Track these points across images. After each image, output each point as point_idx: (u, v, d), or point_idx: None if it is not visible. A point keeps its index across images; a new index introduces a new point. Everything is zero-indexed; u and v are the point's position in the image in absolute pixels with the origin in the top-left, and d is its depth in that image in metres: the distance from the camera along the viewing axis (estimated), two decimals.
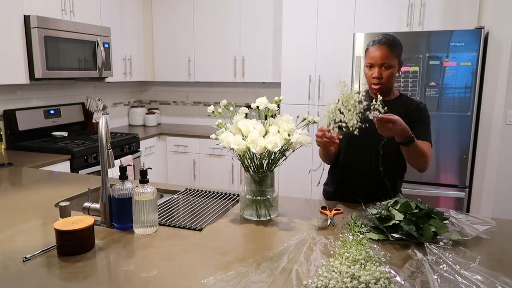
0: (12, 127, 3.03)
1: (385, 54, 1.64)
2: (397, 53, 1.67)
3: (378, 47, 1.65)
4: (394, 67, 1.67)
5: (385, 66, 1.65)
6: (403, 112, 1.64)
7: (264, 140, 1.40)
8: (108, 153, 1.38)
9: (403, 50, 1.74)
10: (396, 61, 1.67)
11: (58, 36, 2.96)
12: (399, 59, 1.70)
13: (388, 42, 1.66)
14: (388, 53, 1.64)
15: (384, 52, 1.64)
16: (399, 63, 1.70)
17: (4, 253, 1.21)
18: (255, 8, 3.81)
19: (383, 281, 0.96)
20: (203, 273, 1.09)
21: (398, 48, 1.68)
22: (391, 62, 1.65)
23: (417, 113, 1.70)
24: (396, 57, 1.66)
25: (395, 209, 1.36)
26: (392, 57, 1.65)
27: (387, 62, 1.64)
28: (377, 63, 1.65)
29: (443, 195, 2.97)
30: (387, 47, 1.64)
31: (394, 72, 1.68)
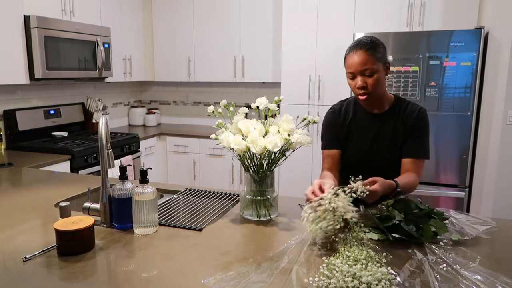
0: (12, 127, 3.03)
1: (365, 59, 1.46)
2: (379, 55, 1.49)
3: (355, 53, 1.48)
4: (379, 72, 1.49)
5: (367, 73, 1.48)
6: (401, 126, 1.57)
7: (264, 140, 1.40)
8: (108, 153, 1.38)
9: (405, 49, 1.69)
10: (380, 64, 1.50)
11: (58, 36, 2.96)
12: (384, 60, 1.53)
13: (366, 45, 1.48)
14: (368, 58, 1.46)
15: (363, 57, 1.47)
16: (385, 65, 1.53)
17: (4, 253, 1.21)
18: (255, 8, 3.81)
19: (384, 282, 0.96)
20: (203, 273, 1.09)
21: (380, 49, 1.51)
22: (373, 67, 1.47)
23: (417, 125, 1.59)
24: (378, 60, 1.49)
25: (395, 209, 1.36)
26: (373, 61, 1.47)
27: (369, 68, 1.47)
28: (358, 71, 1.49)
29: (443, 195, 2.97)
30: (365, 51, 1.47)
31: (380, 77, 1.51)
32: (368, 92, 1.51)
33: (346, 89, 3.29)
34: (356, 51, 1.49)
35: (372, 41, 1.52)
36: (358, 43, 1.51)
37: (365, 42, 1.50)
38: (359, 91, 1.52)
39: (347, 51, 1.55)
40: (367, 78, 1.50)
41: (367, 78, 1.50)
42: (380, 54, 1.51)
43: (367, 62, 1.47)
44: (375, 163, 1.66)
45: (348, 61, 1.52)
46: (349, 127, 1.69)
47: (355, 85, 1.52)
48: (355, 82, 1.51)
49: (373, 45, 1.50)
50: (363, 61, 1.47)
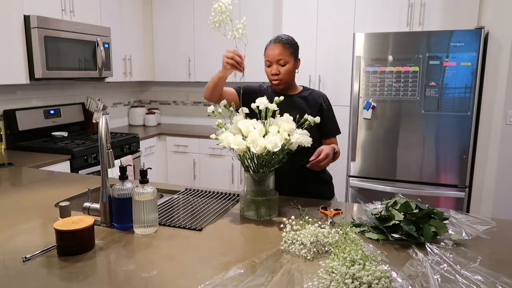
0: (12, 127, 3.02)
1: (280, 51, 1.74)
2: (292, 50, 1.78)
3: (274, 46, 1.76)
4: (290, 64, 1.77)
5: (281, 63, 1.76)
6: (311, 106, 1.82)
7: (264, 140, 1.39)
8: (108, 153, 1.38)
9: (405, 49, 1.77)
10: (292, 58, 1.78)
11: (58, 36, 2.96)
12: (296, 56, 1.81)
13: (283, 40, 1.76)
14: (283, 50, 1.75)
15: (280, 49, 1.74)
16: (296, 60, 1.81)
17: (4, 253, 1.21)
18: (255, 8, 3.81)
19: (384, 280, 0.96)
20: (203, 273, 1.09)
21: (294, 46, 1.79)
22: (286, 58, 1.75)
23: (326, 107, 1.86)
24: (291, 54, 1.77)
25: (395, 209, 1.36)
26: (287, 54, 1.75)
27: (283, 59, 1.75)
28: (274, 60, 1.76)
29: (443, 195, 2.97)
30: (282, 45, 1.75)
31: (291, 68, 1.78)
32: (280, 78, 1.78)
33: (346, 89, 3.31)
34: (275, 44, 1.77)
35: (289, 38, 1.80)
36: (277, 38, 1.78)
37: (283, 38, 1.78)
38: (273, 77, 1.79)
39: (268, 43, 1.81)
40: (280, 67, 1.77)
41: (281, 67, 1.77)
42: (294, 50, 1.80)
43: (282, 53, 1.75)
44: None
45: (267, 51, 1.79)
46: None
47: (270, 71, 1.79)
48: (271, 69, 1.79)
49: (289, 42, 1.78)
50: (279, 53, 1.75)
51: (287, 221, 1.30)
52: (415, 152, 3.00)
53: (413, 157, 3.01)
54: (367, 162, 3.14)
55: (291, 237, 1.24)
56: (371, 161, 3.13)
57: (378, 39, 2.97)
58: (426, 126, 2.94)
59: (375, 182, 3.13)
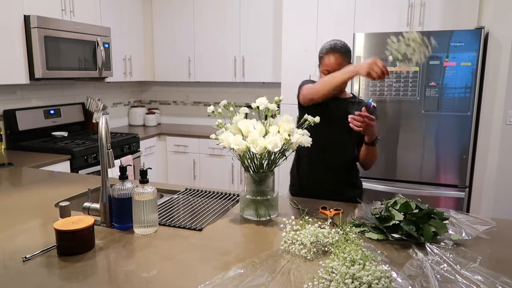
0: (12, 127, 3.03)
1: (339, 61, 1.73)
2: (349, 59, 1.79)
3: (333, 55, 1.74)
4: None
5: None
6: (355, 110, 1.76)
7: (264, 140, 1.39)
8: (108, 153, 1.38)
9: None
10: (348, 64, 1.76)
11: (58, 36, 2.96)
12: (350, 61, 1.80)
13: (342, 49, 1.75)
14: (342, 60, 1.74)
15: (339, 59, 1.73)
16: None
17: (4, 253, 1.21)
18: (255, 8, 3.81)
19: (384, 280, 0.96)
20: (203, 273, 1.09)
21: (349, 53, 1.79)
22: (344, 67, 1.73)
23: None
24: (348, 62, 1.77)
25: (395, 209, 1.36)
26: (345, 64, 1.74)
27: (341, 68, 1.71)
28: (333, 70, 1.72)
29: (443, 195, 2.97)
30: (341, 54, 1.74)
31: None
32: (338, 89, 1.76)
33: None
34: (334, 53, 1.75)
35: (346, 46, 1.79)
36: (335, 46, 1.76)
37: (341, 46, 1.76)
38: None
39: (323, 50, 1.78)
40: None
41: None
42: (350, 58, 1.81)
43: (341, 63, 1.74)
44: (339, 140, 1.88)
45: (325, 60, 1.77)
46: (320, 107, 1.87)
47: None
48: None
49: (347, 50, 1.79)
50: (338, 62, 1.74)
51: (287, 221, 1.30)
52: (415, 152, 3.00)
53: (413, 157, 3.01)
54: None
55: (291, 237, 1.25)
56: None
57: (378, 39, 2.96)
58: (426, 126, 2.94)
59: (375, 182, 3.12)
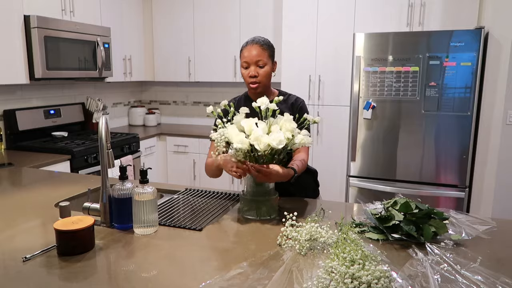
0: (12, 127, 3.03)
1: (259, 53, 1.70)
2: (270, 52, 1.74)
3: (251, 47, 1.71)
4: (268, 66, 1.73)
5: (260, 64, 1.71)
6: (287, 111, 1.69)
7: (268, 137, 1.39)
8: (108, 153, 1.38)
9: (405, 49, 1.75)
10: (270, 60, 1.74)
11: (58, 36, 2.96)
12: (273, 59, 1.76)
13: (260, 41, 1.72)
14: (261, 52, 1.70)
15: (258, 51, 1.70)
16: (273, 63, 1.77)
17: (4, 253, 1.21)
18: (255, 8, 3.81)
19: (384, 280, 0.96)
20: (203, 273, 1.09)
21: (271, 49, 1.75)
22: (264, 60, 1.71)
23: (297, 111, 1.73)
24: (269, 57, 1.73)
25: (395, 209, 1.36)
26: (265, 56, 1.71)
27: (262, 60, 1.70)
28: (252, 61, 1.70)
29: (443, 195, 2.97)
30: (260, 46, 1.71)
31: (269, 70, 1.74)
32: (259, 81, 1.73)
33: (346, 89, 3.31)
34: (252, 45, 1.72)
35: (266, 40, 1.76)
36: (254, 39, 1.74)
37: (260, 40, 1.74)
38: (251, 79, 1.73)
39: (243, 44, 1.75)
40: (259, 69, 1.72)
41: (259, 69, 1.72)
42: (271, 53, 1.76)
43: (261, 55, 1.71)
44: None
45: (244, 53, 1.73)
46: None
47: (248, 73, 1.73)
48: (249, 71, 1.73)
49: (267, 44, 1.74)
50: (258, 54, 1.70)
51: (288, 215, 1.31)
52: (415, 152, 3.00)
53: (413, 157, 3.01)
54: (367, 162, 3.14)
55: (288, 233, 1.27)
56: (371, 161, 3.13)
57: (378, 39, 2.97)
58: (426, 126, 2.94)
59: (375, 182, 3.13)
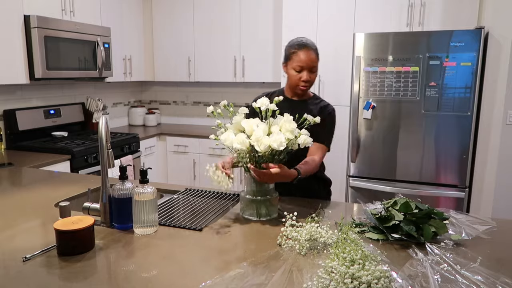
0: (12, 127, 3.02)
1: (314, 59, 1.73)
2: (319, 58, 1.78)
3: (308, 52, 1.72)
4: (317, 71, 1.77)
5: (313, 69, 1.74)
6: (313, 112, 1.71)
7: (269, 138, 1.39)
8: (108, 153, 1.38)
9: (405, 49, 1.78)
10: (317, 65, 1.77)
11: (58, 36, 2.96)
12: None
13: (313, 46, 1.75)
14: (315, 58, 1.74)
15: (313, 56, 1.73)
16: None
17: (4, 253, 1.21)
18: (255, 8, 3.81)
19: (383, 280, 0.96)
20: (203, 273, 1.09)
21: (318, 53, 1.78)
22: (316, 66, 1.76)
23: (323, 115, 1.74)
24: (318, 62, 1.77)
25: (395, 209, 1.36)
26: (317, 62, 1.75)
27: (315, 66, 1.74)
28: (308, 67, 1.72)
29: (443, 195, 2.97)
30: (314, 51, 1.73)
31: (316, 76, 1.78)
32: (309, 85, 1.77)
33: (346, 89, 3.31)
34: (308, 50, 1.73)
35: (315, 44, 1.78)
36: (308, 43, 1.75)
37: (313, 44, 1.76)
38: (302, 83, 1.75)
39: (295, 46, 1.75)
40: (311, 74, 1.74)
41: (312, 74, 1.75)
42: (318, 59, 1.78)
43: (315, 61, 1.74)
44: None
45: (299, 56, 1.73)
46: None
47: (300, 77, 1.74)
48: (301, 75, 1.73)
49: (317, 50, 1.77)
50: (313, 60, 1.73)
51: (288, 215, 1.32)
52: (415, 152, 3.00)
53: (413, 157, 3.01)
54: (367, 162, 3.14)
55: (288, 233, 1.27)
56: (371, 161, 3.13)
57: (378, 39, 2.97)
58: (426, 126, 2.94)
59: (375, 182, 3.13)
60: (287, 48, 1.79)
